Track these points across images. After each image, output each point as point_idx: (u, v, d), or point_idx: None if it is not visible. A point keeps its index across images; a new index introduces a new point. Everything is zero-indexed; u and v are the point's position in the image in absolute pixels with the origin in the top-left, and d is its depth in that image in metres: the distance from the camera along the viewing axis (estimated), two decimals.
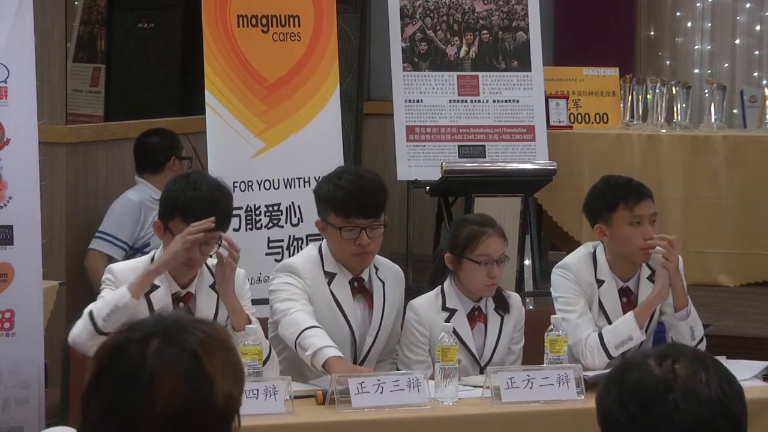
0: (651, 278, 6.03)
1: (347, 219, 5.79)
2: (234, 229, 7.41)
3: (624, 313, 5.99)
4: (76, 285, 7.61)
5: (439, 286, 5.98)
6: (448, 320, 5.84)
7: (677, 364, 2.83)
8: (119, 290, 5.48)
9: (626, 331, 5.88)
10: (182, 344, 2.71)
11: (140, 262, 5.81)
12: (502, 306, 5.92)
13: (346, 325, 5.82)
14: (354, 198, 5.84)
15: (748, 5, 11.57)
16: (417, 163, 9.32)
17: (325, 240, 6.01)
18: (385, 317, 5.90)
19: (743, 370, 5.59)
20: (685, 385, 2.77)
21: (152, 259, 5.71)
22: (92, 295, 5.90)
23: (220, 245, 5.67)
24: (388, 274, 6.01)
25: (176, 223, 5.67)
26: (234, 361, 2.86)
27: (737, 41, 11.63)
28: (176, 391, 2.71)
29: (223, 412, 2.77)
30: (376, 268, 5.95)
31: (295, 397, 5.24)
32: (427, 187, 9.29)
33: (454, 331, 5.74)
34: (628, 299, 6.05)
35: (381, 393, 5.23)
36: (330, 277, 5.87)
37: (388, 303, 5.91)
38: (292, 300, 5.67)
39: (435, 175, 9.09)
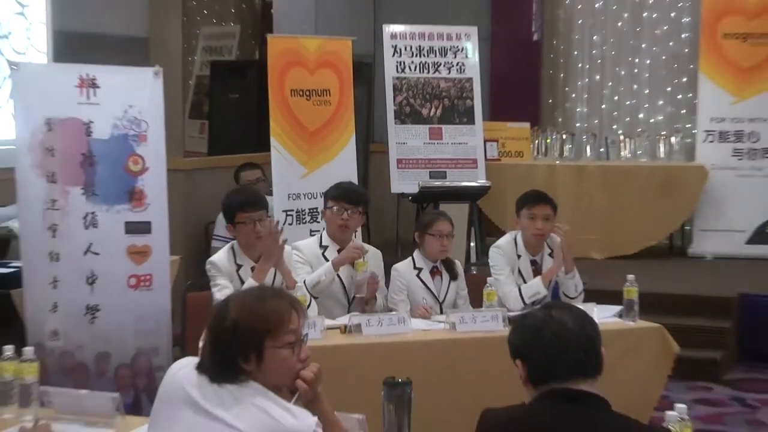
0: (551, 255, 6.12)
1: (337, 202, 5.88)
2: (288, 224, 7.49)
3: (533, 276, 6.09)
4: (189, 258, 7.61)
5: (411, 255, 6.05)
6: (418, 275, 5.97)
7: (552, 310, 3.06)
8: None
9: (536, 288, 6.00)
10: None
11: (226, 253, 5.67)
12: (450, 270, 6.01)
13: (338, 279, 5.83)
14: (343, 191, 5.97)
15: (610, 83, 11.54)
16: (403, 183, 9.25)
17: (323, 227, 6.14)
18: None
19: (606, 312, 5.67)
20: (558, 320, 3.01)
21: (232, 249, 5.61)
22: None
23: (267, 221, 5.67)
24: (369, 252, 6.00)
25: (241, 214, 5.58)
26: (255, 306, 3.12)
27: (603, 106, 11.58)
28: (210, 314, 3.19)
29: (230, 330, 3.05)
30: None
31: (327, 329, 5.25)
32: (410, 197, 9.21)
33: (423, 281, 5.97)
34: (536, 267, 6.12)
35: (381, 326, 5.27)
36: (324, 248, 5.91)
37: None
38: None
39: (415, 189, 9.04)
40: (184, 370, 3.12)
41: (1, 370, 3.97)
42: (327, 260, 5.84)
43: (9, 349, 4.00)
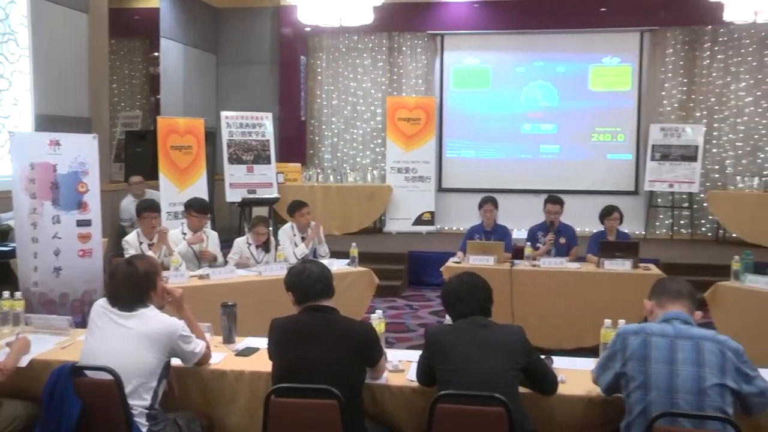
0: (312, 231, 6.11)
1: (194, 210, 5.71)
2: (169, 219, 7.22)
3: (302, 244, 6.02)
4: (111, 239, 7.31)
5: (246, 236, 5.94)
6: (248, 247, 5.86)
7: (306, 264, 3.02)
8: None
9: (302, 249, 5.97)
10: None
11: (135, 235, 5.52)
12: (265, 246, 5.90)
13: (192, 251, 5.66)
14: (199, 206, 5.76)
15: (341, 143, 11.55)
16: (233, 196, 9.07)
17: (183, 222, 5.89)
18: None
19: (342, 262, 5.80)
20: (309, 268, 2.97)
21: (137, 233, 5.47)
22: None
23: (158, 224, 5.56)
24: (210, 235, 5.84)
25: (145, 213, 5.49)
26: (151, 264, 3.12)
27: (338, 154, 11.53)
28: (119, 270, 3.05)
29: (143, 276, 3.04)
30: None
31: (190, 276, 5.21)
32: (237, 204, 9.06)
33: (250, 251, 5.81)
34: (304, 239, 6.08)
35: (220, 274, 5.21)
36: (184, 234, 5.74)
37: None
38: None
39: (239, 199, 8.91)
40: (103, 301, 3.12)
41: (2, 305, 3.91)
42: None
43: (7, 293, 3.99)
